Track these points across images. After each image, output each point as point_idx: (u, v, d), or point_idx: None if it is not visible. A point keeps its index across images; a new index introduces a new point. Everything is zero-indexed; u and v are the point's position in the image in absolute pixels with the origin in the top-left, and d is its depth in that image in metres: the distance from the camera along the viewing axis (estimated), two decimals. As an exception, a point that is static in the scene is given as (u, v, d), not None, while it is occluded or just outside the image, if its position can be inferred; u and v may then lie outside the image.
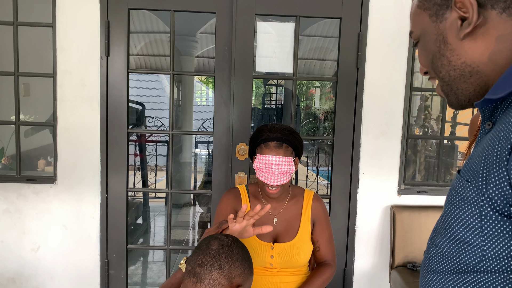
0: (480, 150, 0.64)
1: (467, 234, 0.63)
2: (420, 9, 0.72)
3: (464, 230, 0.64)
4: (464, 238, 0.64)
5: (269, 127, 1.53)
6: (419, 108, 3.00)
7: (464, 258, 0.64)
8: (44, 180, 2.20)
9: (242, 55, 2.14)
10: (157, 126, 6.19)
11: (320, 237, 1.61)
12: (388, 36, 2.16)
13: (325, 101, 8.44)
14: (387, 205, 2.27)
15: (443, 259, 0.69)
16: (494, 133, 0.63)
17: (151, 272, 3.51)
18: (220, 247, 1.02)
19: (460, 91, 0.70)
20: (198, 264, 1.00)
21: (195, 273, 0.99)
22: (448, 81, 0.71)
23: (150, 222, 4.40)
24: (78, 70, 2.13)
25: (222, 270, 0.99)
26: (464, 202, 0.64)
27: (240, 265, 1.02)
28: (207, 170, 5.18)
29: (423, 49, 0.74)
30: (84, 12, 2.10)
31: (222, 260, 1.00)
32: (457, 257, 0.66)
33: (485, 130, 0.71)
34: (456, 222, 0.65)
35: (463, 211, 0.64)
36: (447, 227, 0.68)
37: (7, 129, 2.43)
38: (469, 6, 0.64)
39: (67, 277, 2.24)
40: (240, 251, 1.05)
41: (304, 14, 2.15)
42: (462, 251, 0.65)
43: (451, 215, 0.67)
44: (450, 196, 0.69)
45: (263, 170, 1.48)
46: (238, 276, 1.01)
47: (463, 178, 0.65)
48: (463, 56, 0.67)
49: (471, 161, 0.65)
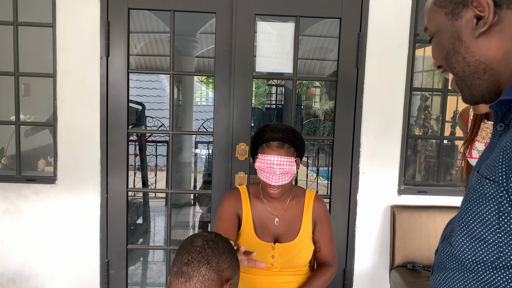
0: (499, 148, 0.64)
1: (484, 231, 0.64)
2: (436, 6, 0.72)
3: (481, 227, 0.64)
4: (481, 235, 0.64)
5: (271, 127, 1.53)
6: (419, 108, 3.00)
7: (481, 256, 0.65)
8: (44, 180, 2.20)
9: (242, 55, 2.14)
10: (157, 126, 6.18)
11: (321, 238, 1.61)
12: (388, 36, 2.16)
13: (325, 101, 8.44)
14: (387, 205, 2.27)
15: (459, 257, 0.69)
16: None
17: (151, 272, 3.51)
18: (204, 242, 1.00)
19: (474, 87, 0.71)
20: (184, 263, 0.97)
21: (182, 273, 0.96)
22: (462, 76, 0.71)
23: (150, 222, 4.40)
24: (78, 70, 2.13)
25: (210, 265, 0.96)
26: (482, 199, 0.64)
27: (227, 258, 1.00)
28: (207, 170, 5.18)
29: (437, 45, 0.74)
30: (84, 12, 2.10)
31: (209, 255, 0.97)
32: (474, 255, 0.66)
33: (498, 132, 0.72)
34: (474, 219, 0.66)
35: (481, 207, 0.64)
36: (464, 224, 0.68)
37: (7, 129, 2.43)
38: (485, 5, 0.65)
39: (67, 277, 2.24)
40: (225, 244, 1.03)
41: (304, 14, 2.15)
42: (479, 248, 0.65)
43: (469, 212, 0.67)
44: (468, 194, 0.69)
45: (264, 170, 1.48)
46: (227, 269, 0.99)
47: (481, 176, 0.65)
48: (478, 53, 0.68)
49: (490, 160, 0.66)
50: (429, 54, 3.65)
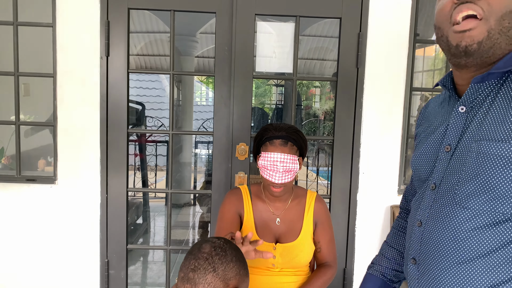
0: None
1: (509, 189, 0.71)
2: None
3: (505, 185, 0.71)
4: (504, 194, 0.71)
5: (274, 125, 1.54)
6: (419, 108, 3.00)
7: (502, 210, 0.72)
8: (44, 180, 2.20)
9: (242, 55, 2.14)
10: (157, 126, 6.19)
11: (322, 238, 1.61)
12: (388, 36, 2.16)
13: (325, 101, 8.44)
14: (387, 205, 2.27)
15: (478, 217, 0.75)
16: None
17: (151, 272, 3.51)
18: (212, 249, 0.99)
19: (498, 46, 0.74)
20: (191, 269, 0.97)
21: (188, 279, 0.96)
22: (500, 31, 0.73)
23: (150, 222, 4.40)
24: (78, 70, 2.13)
25: (216, 273, 0.95)
26: (507, 161, 0.71)
27: (234, 266, 0.99)
28: (207, 170, 5.19)
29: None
30: (84, 12, 2.10)
31: (216, 262, 0.96)
32: (494, 211, 0.73)
33: (458, 113, 0.80)
34: (499, 181, 0.71)
35: (504, 169, 0.71)
36: (486, 188, 0.73)
37: (7, 129, 2.43)
38: None
39: (67, 277, 2.24)
40: (233, 252, 1.02)
41: (304, 14, 2.15)
42: (500, 205, 0.72)
43: (492, 176, 0.72)
44: (488, 161, 0.73)
45: (268, 168, 1.48)
46: (234, 277, 0.98)
47: (496, 140, 0.72)
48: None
49: (494, 126, 0.73)
50: (429, 54, 3.65)
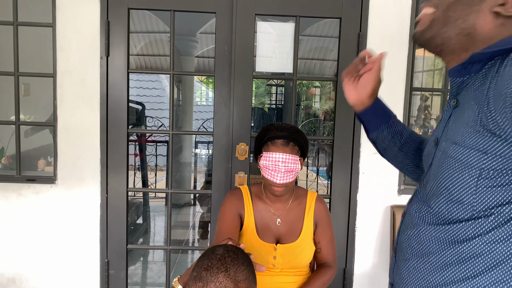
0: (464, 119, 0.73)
1: (462, 194, 0.73)
2: None
3: (460, 191, 0.73)
4: (458, 198, 0.73)
5: (276, 125, 1.54)
6: (419, 108, 3.00)
7: (457, 214, 0.74)
8: (44, 180, 2.20)
9: (242, 55, 2.14)
10: (157, 126, 6.19)
11: (322, 239, 1.61)
12: (388, 36, 2.16)
13: (325, 101, 8.44)
14: (387, 205, 2.27)
15: (435, 216, 0.79)
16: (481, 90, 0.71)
17: (151, 272, 3.51)
18: (225, 251, 1.04)
19: (447, 35, 0.77)
20: (204, 268, 1.00)
21: (201, 277, 0.99)
22: (447, 22, 0.76)
23: (150, 222, 4.40)
24: (78, 70, 2.13)
25: (228, 273, 0.99)
26: (463, 165, 0.72)
27: (245, 270, 1.03)
28: (207, 170, 5.18)
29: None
30: (84, 12, 2.10)
31: (228, 263, 1.01)
32: (450, 214, 0.75)
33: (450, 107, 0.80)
34: (454, 185, 0.74)
35: (461, 174, 0.73)
36: (443, 189, 0.76)
37: (7, 129, 2.43)
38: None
39: (67, 277, 2.24)
40: (244, 257, 1.06)
41: (304, 14, 2.15)
42: (455, 209, 0.74)
43: (448, 178, 0.75)
44: (447, 163, 0.76)
45: (269, 168, 1.48)
46: (243, 281, 1.01)
47: (460, 145, 0.73)
48: (480, 22, 0.73)
49: (459, 129, 0.74)
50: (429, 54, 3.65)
